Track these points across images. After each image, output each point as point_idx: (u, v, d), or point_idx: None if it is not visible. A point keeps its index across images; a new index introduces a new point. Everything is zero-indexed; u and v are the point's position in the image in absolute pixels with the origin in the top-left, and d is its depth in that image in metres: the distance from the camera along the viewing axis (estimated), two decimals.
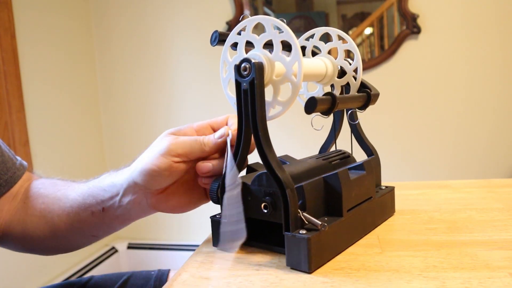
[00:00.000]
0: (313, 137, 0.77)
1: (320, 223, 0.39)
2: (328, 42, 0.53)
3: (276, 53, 0.41)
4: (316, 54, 0.54)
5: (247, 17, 0.42)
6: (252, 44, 0.42)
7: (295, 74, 0.40)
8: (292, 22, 1.93)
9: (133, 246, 2.20)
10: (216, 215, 0.46)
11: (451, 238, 0.45)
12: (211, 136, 0.45)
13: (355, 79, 0.52)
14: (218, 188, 0.45)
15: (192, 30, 2.05)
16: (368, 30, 1.89)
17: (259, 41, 0.41)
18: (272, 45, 0.41)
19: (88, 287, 0.66)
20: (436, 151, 1.89)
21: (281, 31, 0.40)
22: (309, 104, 0.42)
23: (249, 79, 0.39)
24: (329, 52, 0.53)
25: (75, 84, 2.04)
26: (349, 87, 0.53)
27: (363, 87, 0.52)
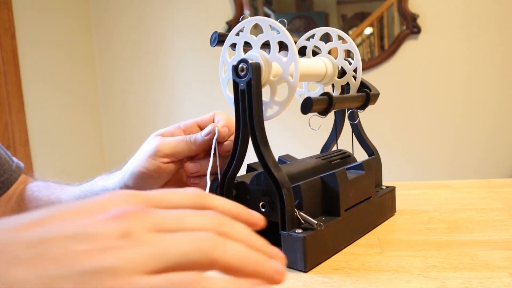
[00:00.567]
0: (315, 137, 0.77)
1: (316, 222, 0.39)
2: (328, 42, 0.53)
3: (273, 54, 0.41)
4: (317, 54, 0.54)
5: (246, 17, 0.42)
6: (250, 44, 0.42)
7: (292, 75, 0.41)
8: (292, 22, 1.94)
9: None
10: None
11: (451, 238, 0.45)
12: (198, 134, 0.45)
13: (355, 79, 0.52)
14: (218, 188, 0.45)
15: (192, 30, 2.05)
16: (368, 30, 1.89)
17: (257, 42, 0.42)
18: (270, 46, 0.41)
19: None
20: (436, 151, 1.89)
21: (278, 32, 0.40)
22: (305, 104, 0.42)
23: (246, 79, 0.40)
24: (329, 52, 0.53)
25: (75, 84, 2.04)
26: (349, 87, 0.53)
27: (363, 87, 0.52)
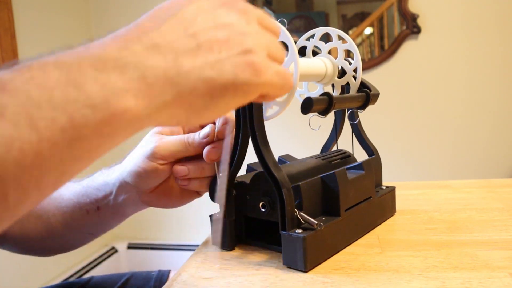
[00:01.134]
0: (315, 137, 0.77)
1: (316, 222, 0.39)
2: (328, 42, 0.53)
3: None
4: (317, 54, 0.54)
5: None
6: None
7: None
8: (292, 22, 1.93)
9: (133, 246, 2.20)
10: (216, 214, 0.46)
11: (451, 238, 0.45)
12: (196, 135, 0.45)
13: (355, 79, 0.52)
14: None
15: None
16: (368, 30, 1.89)
17: None
18: None
19: (88, 287, 0.66)
20: (436, 151, 1.89)
21: None
22: (305, 105, 0.42)
23: None
24: (329, 52, 0.53)
25: None
26: (349, 87, 0.53)
27: (363, 87, 0.52)
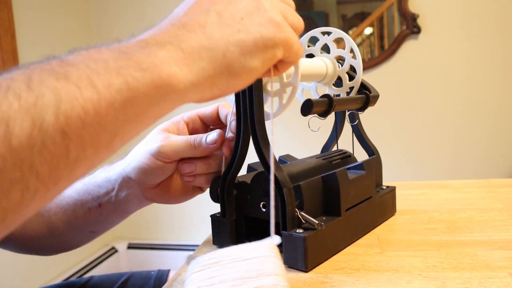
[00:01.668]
0: (315, 137, 0.77)
1: (317, 222, 0.39)
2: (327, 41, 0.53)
3: None
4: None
5: None
6: None
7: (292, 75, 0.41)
8: None
9: (133, 246, 2.20)
10: (217, 213, 0.46)
11: (451, 238, 0.45)
12: (203, 139, 0.44)
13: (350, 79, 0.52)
14: (218, 187, 0.45)
15: None
16: (368, 30, 1.89)
17: None
18: None
19: (88, 287, 0.66)
20: (436, 151, 1.89)
21: None
22: (305, 106, 0.42)
23: None
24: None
25: None
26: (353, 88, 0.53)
27: (363, 88, 0.52)
